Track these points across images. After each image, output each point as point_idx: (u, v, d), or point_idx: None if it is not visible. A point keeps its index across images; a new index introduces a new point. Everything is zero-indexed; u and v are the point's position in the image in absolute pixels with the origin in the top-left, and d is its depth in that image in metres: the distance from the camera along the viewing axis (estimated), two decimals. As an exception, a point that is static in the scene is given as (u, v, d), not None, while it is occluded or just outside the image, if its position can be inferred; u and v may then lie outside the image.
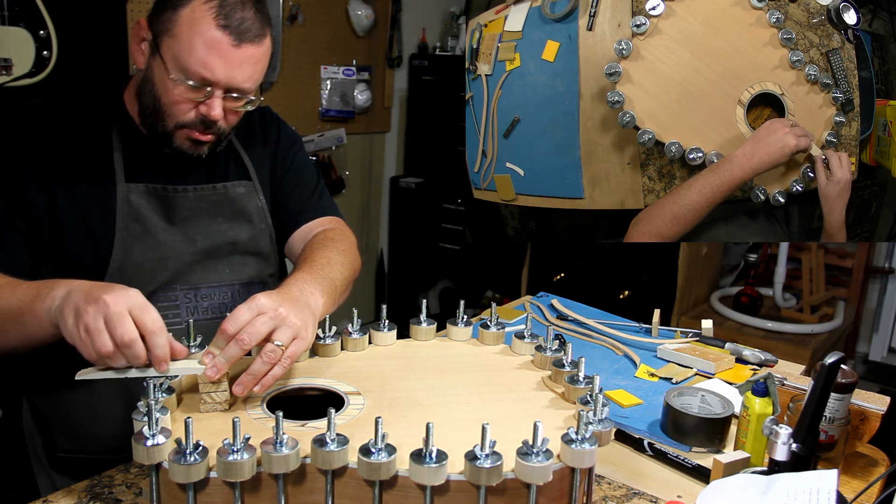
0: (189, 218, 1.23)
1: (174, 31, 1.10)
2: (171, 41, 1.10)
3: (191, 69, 1.10)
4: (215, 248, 1.25)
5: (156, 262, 1.20)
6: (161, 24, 1.11)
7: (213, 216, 1.25)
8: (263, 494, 0.84)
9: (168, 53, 1.11)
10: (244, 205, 1.28)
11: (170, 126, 1.15)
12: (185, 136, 1.16)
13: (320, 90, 3.30)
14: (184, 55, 1.09)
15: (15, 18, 1.93)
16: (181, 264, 1.22)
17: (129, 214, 1.18)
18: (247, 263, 1.29)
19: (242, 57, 1.11)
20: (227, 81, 1.11)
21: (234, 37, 1.09)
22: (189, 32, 1.09)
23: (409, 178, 3.76)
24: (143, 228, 1.19)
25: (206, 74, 1.10)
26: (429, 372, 1.08)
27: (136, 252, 1.18)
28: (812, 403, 0.92)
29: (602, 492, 1.04)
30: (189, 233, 1.23)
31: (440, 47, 3.76)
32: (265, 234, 1.31)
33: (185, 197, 1.23)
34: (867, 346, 3.66)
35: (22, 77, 1.97)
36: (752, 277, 3.13)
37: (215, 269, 1.25)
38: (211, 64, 1.09)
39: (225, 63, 1.10)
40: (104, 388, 1.18)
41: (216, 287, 1.27)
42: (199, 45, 1.08)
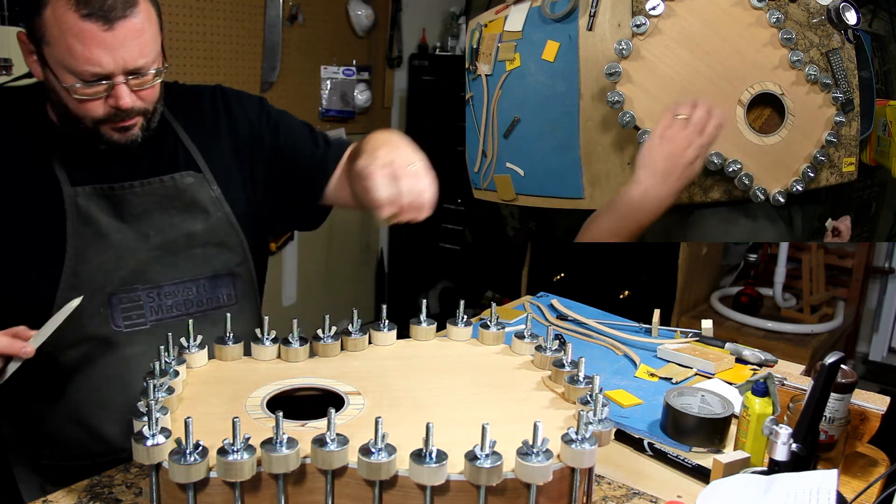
0: (140, 214, 1.18)
1: (47, 38, 1.04)
2: (49, 49, 1.04)
3: (78, 69, 1.04)
4: (170, 242, 1.20)
5: (111, 262, 1.16)
6: (36, 33, 1.05)
7: (166, 209, 1.20)
8: (263, 494, 0.84)
9: (52, 61, 1.05)
10: (195, 195, 1.22)
11: (89, 124, 1.10)
12: (109, 129, 1.11)
13: (320, 90, 3.30)
14: (66, 58, 1.03)
15: (15, 18, 1.93)
16: (137, 262, 1.18)
17: (79, 219, 1.14)
18: (209, 255, 1.24)
19: (120, 37, 1.03)
20: (120, 67, 1.05)
21: (101, 21, 1.02)
22: (60, 34, 1.02)
23: (409, 178, 3.76)
24: (95, 231, 1.15)
25: (95, 69, 1.04)
26: (429, 372, 1.08)
27: (90, 255, 1.14)
28: (812, 403, 0.92)
29: (602, 492, 1.04)
30: (141, 229, 1.18)
31: (440, 47, 3.76)
32: (224, 223, 1.24)
33: (132, 193, 1.17)
34: (867, 346, 3.66)
35: (22, 77, 1.97)
36: (752, 277, 3.13)
37: (175, 265, 1.21)
38: (94, 58, 1.03)
39: (106, 51, 1.03)
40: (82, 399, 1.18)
41: (179, 283, 1.22)
42: (73, 44, 1.02)
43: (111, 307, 1.17)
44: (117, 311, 1.17)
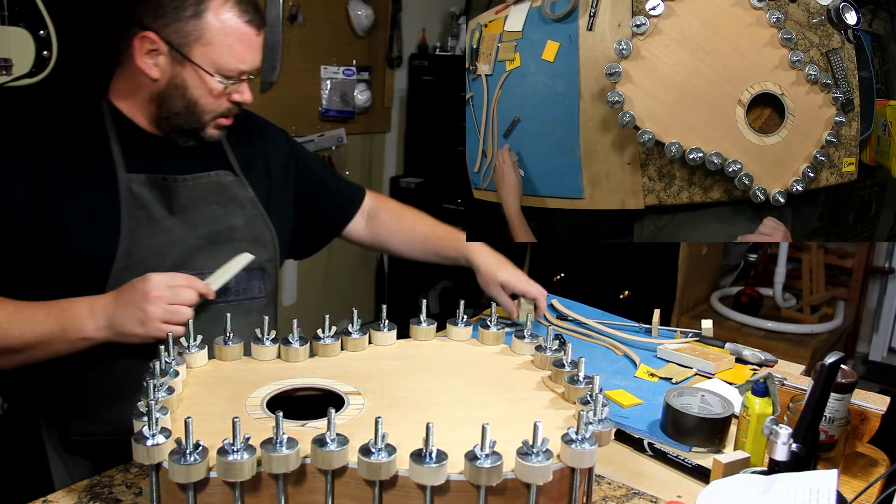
0: (188, 206, 1.27)
1: (207, 39, 1.17)
2: (205, 48, 1.18)
3: (230, 67, 1.20)
4: (215, 233, 1.29)
5: (162, 247, 1.23)
6: (183, 35, 1.17)
7: (210, 203, 1.29)
8: (263, 494, 0.84)
9: (204, 59, 1.18)
10: (235, 192, 1.32)
11: (207, 119, 1.24)
12: (215, 124, 1.25)
13: (320, 90, 3.30)
14: (222, 56, 1.19)
15: (15, 18, 1.93)
16: (185, 250, 1.25)
17: (133, 203, 1.21)
18: (245, 249, 1.31)
19: (260, 42, 1.23)
20: (255, 67, 1.24)
21: (255, 27, 1.21)
22: (222, 35, 1.18)
23: (409, 178, 3.76)
24: (148, 216, 1.22)
25: (242, 67, 1.21)
26: (429, 372, 1.08)
27: (143, 238, 1.21)
28: (812, 403, 0.92)
29: (602, 492, 1.04)
30: (189, 220, 1.26)
31: (440, 47, 3.76)
32: (259, 220, 1.34)
33: (183, 186, 1.26)
34: (867, 346, 3.66)
35: (22, 77, 1.97)
36: (752, 277, 3.13)
37: (216, 255, 1.28)
38: (246, 57, 1.21)
39: (253, 52, 1.22)
40: (121, 372, 1.21)
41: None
42: (233, 44, 1.19)
43: None
44: None
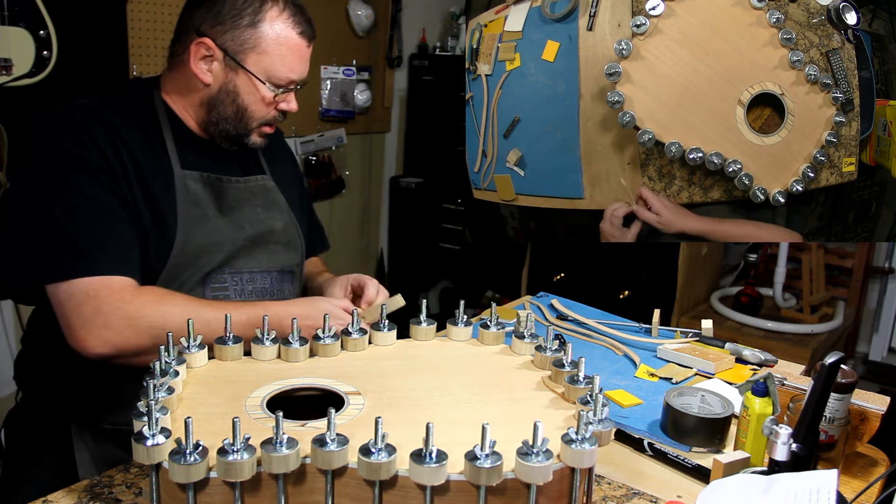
0: (235, 207, 1.31)
1: (262, 48, 1.21)
2: (259, 57, 1.22)
3: (280, 75, 1.24)
4: (258, 235, 1.33)
5: (212, 245, 1.26)
6: (239, 43, 1.21)
7: (254, 206, 1.33)
8: (263, 494, 0.84)
9: (257, 67, 1.23)
10: (275, 197, 1.38)
11: (254, 125, 1.27)
12: (260, 131, 1.29)
13: (320, 90, 3.30)
14: (275, 65, 1.23)
15: (15, 18, 1.93)
16: (233, 249, 1.29)
17: (188, 199, 1.24)
18: (280, 252, 1.36)
19: (309, 53, 1.27)
20: (304, 77, 1.27)
21: (307, 38, 1.25)
22: (276, 45, 1.22)
23: (409, 178, 3.76)
24: (202, 213, 1.26)
25: (292, 76, 1.25)
26: (429, 372, 1.08)
27: (197, 234, 1.24)
28: (812, 403, 0.92)
29: (602, 492, 1.04)
30: (237, 220, 1.30)
31: (440, 47, 3.76)
32: (292, 225, 1.40)
33: (233, 187, 1.31)
34: (867, 346, 3.66)
35: (22, 77, 1.97)
36: (752, 277, 3.13)
37: (256, 256, 1.33)
38: (296, 67, 1.25)
39: (303, 62, 1.26)
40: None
41: (258, 272, 1.34)
42: (286, 54, 1.23)
43: (204, 286, 1.27)
44: (208, 291, 1.28)
